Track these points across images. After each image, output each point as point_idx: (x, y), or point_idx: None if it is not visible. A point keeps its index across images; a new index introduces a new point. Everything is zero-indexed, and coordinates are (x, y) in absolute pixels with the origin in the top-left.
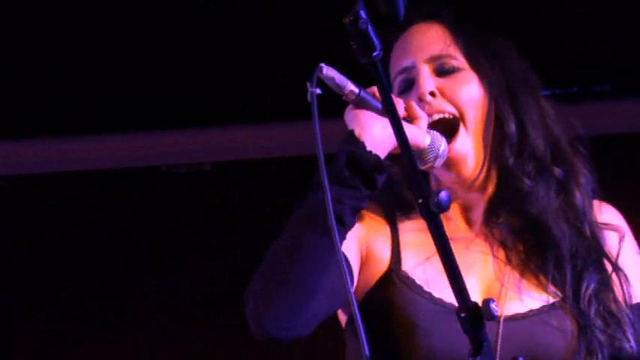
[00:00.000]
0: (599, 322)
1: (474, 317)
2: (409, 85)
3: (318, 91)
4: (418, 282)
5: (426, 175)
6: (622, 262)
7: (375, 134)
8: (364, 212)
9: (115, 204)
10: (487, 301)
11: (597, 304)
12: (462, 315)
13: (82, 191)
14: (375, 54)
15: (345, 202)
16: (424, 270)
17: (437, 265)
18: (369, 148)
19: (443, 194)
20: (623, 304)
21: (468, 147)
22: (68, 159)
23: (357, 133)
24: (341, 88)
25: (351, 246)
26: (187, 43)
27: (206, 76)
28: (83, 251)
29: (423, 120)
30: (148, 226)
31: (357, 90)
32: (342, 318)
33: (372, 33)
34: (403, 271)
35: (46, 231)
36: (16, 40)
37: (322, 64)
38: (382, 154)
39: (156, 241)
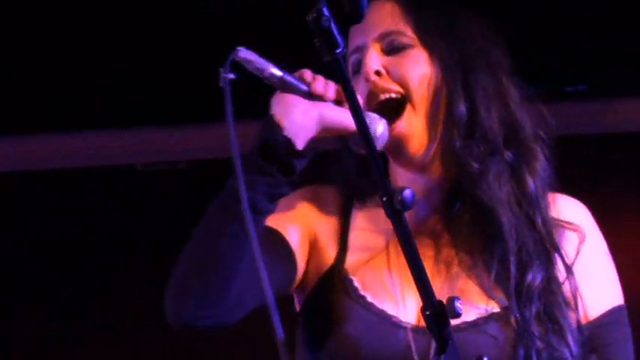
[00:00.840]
0: (537, 329)
1: (439, 316)
2: (359, 64)
3: (232, 75)
4: (356, 284)
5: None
6: (580, 267)
7: (296, 118)
8: (320, 199)
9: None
10: (452, 299)
11: (539, 304)
12: (427, 313)
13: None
14: (338, 51)
15: (259, 189)
16: (365, 272)
17: (379, 267)
18: (286, 133)
19: (407, 192)
20: (570, 309)
21: (414, 127)
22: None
23: (276, 118)
24: (261, 71)
25: (294, 231)
26: (164, 39)
27: (181, 74)
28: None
29: (359, 101)
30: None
31: (279, 73)
32: (297, 306)
33: (334, 30)
34: (344, 270)
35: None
36: None
37: (240, 47)
38: (302, 139)
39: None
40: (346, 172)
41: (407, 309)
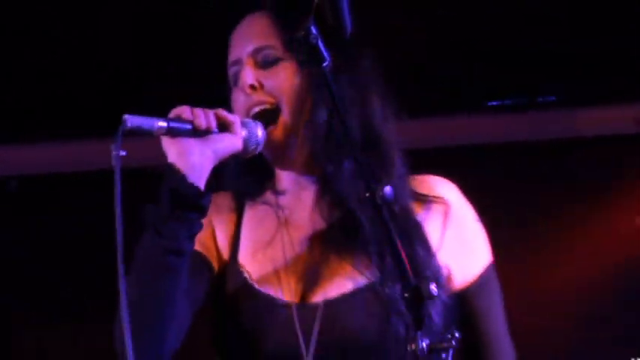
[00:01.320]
0: (403, 306)
1: (416, 297)
2: (236, 76)
3: (123, 153)
4: (245, 275)
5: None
6: (451, 235)
7: (194, 162)
8: (216, 205)
9: None
10: (426, 281)
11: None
12: (406, 295)
13: None
14: (324, 64)
15: (181, 235)
16: (254, 262)
17: (268, 256)
18: (189, 179)
19: (388, 189)
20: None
21: (288, 133)
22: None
23: (176, 167)
24: (151, 131)
25: (205, 241)
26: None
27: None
28: None
29: (236, 123)
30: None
31: (164, 124)
32: None
33: (321, 46)
34: (237, 265)
35: None
36: None
37: (125, 116)
38: (204, 179)
39: None
40: (235, 176)
41: (292, 290)
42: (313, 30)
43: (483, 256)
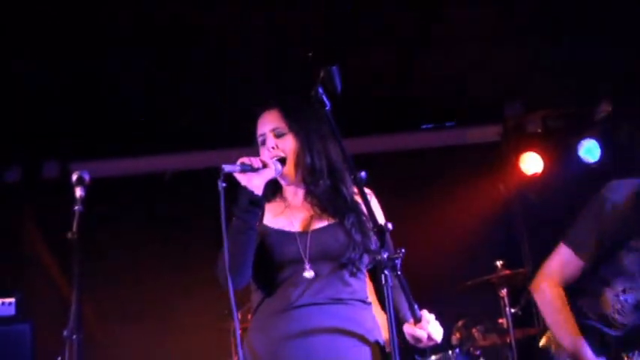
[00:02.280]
0: (357, 235)
1: (381, 231)
2: (264, 141)
3: (224, 184)
4: (269, 226)
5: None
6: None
7: (255, 185)
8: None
9: None
10: (385, 224)
11: (357, 227)
12: (375, 230)
13: None
14: (327, 109)
15: (253, 220)
16: (271, 218)
17: (281, 219)
18: (255, 193)
19: (362, 174)
20: (370, 227)
21: (290, 169)
22: None
23: (248, 189)
24: (235, 172)
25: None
26: None
27: None
28: None
29: (271, 163)
30: None
31: (238, 167)
32: None
33: (325, 99)
34: (264, 225)
35: None
36: None
37: (223, 165)
38: (260, 191)
39: None
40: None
41: (294, 228)
42: (321, 91)
43: (381, 217)
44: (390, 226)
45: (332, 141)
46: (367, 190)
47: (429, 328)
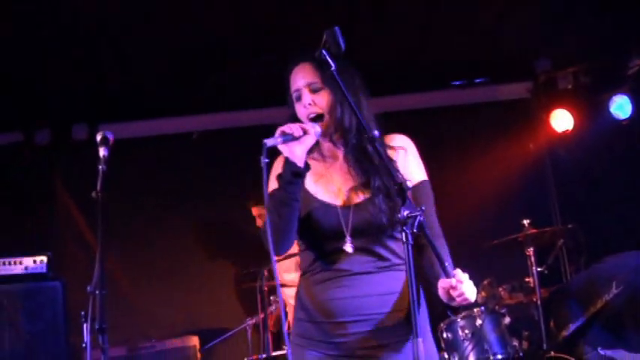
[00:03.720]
0: (384, 203)
1: (400, 188)
2: (299, 97)
3: (266, 160)
4: (309, 189)
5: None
6: (406, 162)
7: (297, 155)
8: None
9: None
10: (404, 181)
11: (384, 195)
12: (395, 187)
13: None
14: (332, 69)
15: (295, 191)
16: (313, 184)
17: (322, 181)
18: (298, 164)
19: (376, 133)
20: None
21: (327, 125)
22: None
23: (290, 159)
24: (275, 144)
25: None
26: None
27: None
28: None
29: (311, 127)
30: None
31: (280, 139)
32: None
33: (330, 59)
34: (306, 190)
35: None
36: None
37: (264, 140)
38: (302, 161)
39: None
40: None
41: (336, 199)
42: (324, 52)
43: (422, 173)
44: (409, 184)
45: (364, 97)
46: (405, 144)
47: (463, 287)
